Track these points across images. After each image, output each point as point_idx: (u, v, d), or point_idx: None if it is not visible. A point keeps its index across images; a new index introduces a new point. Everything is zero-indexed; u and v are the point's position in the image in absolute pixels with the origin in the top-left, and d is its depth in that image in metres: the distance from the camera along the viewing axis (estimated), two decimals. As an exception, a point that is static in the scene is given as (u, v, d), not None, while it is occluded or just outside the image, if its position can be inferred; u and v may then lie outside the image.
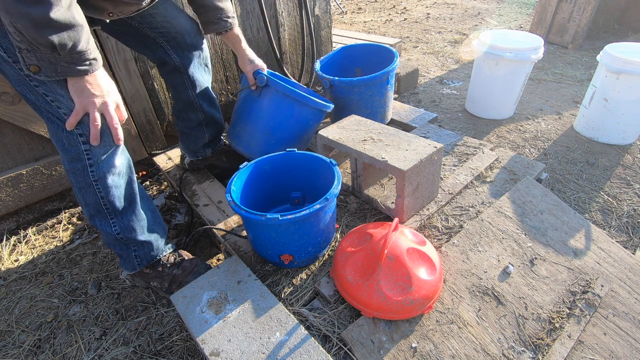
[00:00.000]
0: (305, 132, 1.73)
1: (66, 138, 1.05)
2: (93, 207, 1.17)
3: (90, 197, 1.15)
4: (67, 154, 1.07)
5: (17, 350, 1.35)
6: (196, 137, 1.73)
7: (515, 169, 1.70)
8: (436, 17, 5.17)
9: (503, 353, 1.05)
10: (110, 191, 1.15)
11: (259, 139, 1.68)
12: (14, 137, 1.70)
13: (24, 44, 0.86)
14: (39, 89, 0.97)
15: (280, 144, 1.66)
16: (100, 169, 1.10)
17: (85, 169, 1.09)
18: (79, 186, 1.13)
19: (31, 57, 0.88)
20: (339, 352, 1.07)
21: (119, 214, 1.21)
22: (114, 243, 1.27)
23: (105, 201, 1.16)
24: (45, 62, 0.89)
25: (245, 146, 1.72)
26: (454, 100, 2.96)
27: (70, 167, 1.10)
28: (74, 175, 1.11)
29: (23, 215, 1.88)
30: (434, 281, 1.14)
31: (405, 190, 1.32)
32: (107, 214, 1.19)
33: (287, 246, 1.21)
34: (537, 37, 2.45)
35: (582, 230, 1.42)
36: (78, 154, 1.07)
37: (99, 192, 1.14)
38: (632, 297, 1.21)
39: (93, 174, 1.10)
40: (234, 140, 1.75)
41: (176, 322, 1.41)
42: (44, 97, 0.99)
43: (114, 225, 1.21)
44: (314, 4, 2.48)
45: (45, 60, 0.89)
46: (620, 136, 2.26)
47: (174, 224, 1.85)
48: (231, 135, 1.78)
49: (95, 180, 1.11)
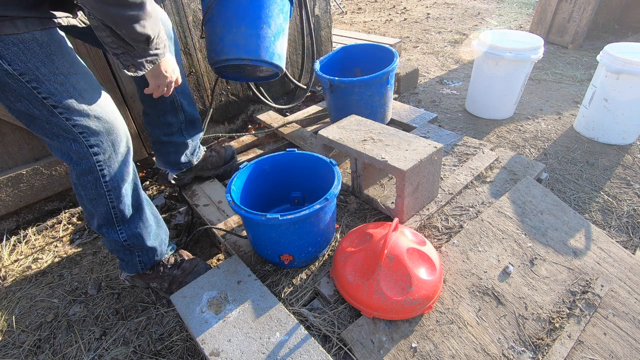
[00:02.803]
0: None
1: (75, 152, 1.03)
2: (103, 217, 1.15)
3: (101, 208, 1.13)
4: (77, 167, 1.05)
5: (17, 350, 1.35)
6: (177, 145, 1.59)
7: (515, 169, 1.70)
8: (436, 17, 5.17)
9: (503, 353, 1.05)
10: (122, 200, 1.14)
11: (254, 34, 1.53)
12: (14, 137, 1.70)
13: (120, 49, 0.96)
14: (47, 101, 0.95)
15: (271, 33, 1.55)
16: (114, 179, 1.10)
17: (98, 181, 1.07)
18: (89, 198, 1.11)
19: (127, 59, 0.98)
20: (339, 352, 1.07)
21: (127, 222, 1.20)
22: (119, 249, 1.26)
23: (117, 210, 1.15)
24: (138, 58, 1.00)
25: (247, 50, 1.53)
26: (454, 100, 2.96)
27: (79, 181, 1.08)
28: (84, 188, 1.09)
29: (23, 215, 1.88)
30: (434, 281, 1.14)
31: (405, 190, 1.32)
32: (115, 223, 1.18)
33: (287, 246, 1.21)
34: (537, 37, 2.45)
35: (582, 230, 1.42)
36: (90, 167, 1.05)
37: (111, 202, 1.13)
38: (632, 297, 1.21)
39: (106, 185, 1.09)
40: (229, 52, 1.54)
41: (176, 322, 1.41)
42: (52, 109, 0.96)
43: (121, 232, 1.20)
44: (314, 4, 2.48)
45: (137, 56, 1.00)
46: (620, 136, 2.26)
47: (174, 224, 1.85)
48: (220, 50, 1.55)
49: (108, 191, 1.10)
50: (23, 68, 0.90)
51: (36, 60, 0.91)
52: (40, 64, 0.92)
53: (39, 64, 0.92)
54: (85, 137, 1.01)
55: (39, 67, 0.92)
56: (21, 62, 0.89)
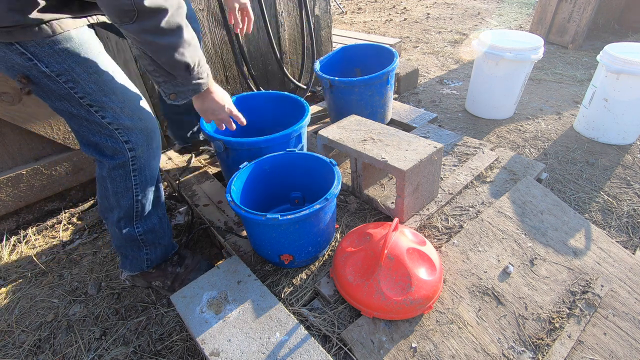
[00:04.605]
0: None
1: (110, 148, 1.07)
2: (125, 210, 1.18)
3: (125, 201, 1.16)
4: (111, 162, 1.09)
5: (17, 350, 1.35)
6: (184, 123, 1.75)
7: (515, 169, 1.70)
8: (436, 17, 5.17)
9: (503, 353, 1.05)
10: (146, 195, 1.18)
11: None
12: (14, 137, 1.70)
13: (162, 77, 0.96)
14: (83, 100, 0.99)
15: None
16: (143, 174, 1.14)
17: (128, 175, 1.11)
18: (115, 191, 1.14)
19: (169, 87, 0.99)
20: (339, 352, 1.07)
21: (145, 217, 1.23)
22: (128, 245, 1.27)
23: (139, 205, 1.18)
24: (180, 87, 1.00)
25: None
26: (454, 100, 2.96)
27: (110, 174, 1.11)
28: (113, 181, 1.12)
29: (23, 215, 1.88)
30: (434, 281, 1.14)
31: (405, 190, 1.32)
32: (134, 217, 1.20)
33: (287, 246, 1.21)
34: (537, 37, 2.45)
35: (582, 230, 1.42)
36: (124, 162, 1.09)
37: (136, 196, 1.16)
38: (632, 297, 1.21)
39: (135, 179, 1.13)
40: None
41: (176, 322, 1.41)
42: (88, 108, 1.00)
43: (137, 227, 1.23)
44: (314, 4, 2.48)
45: (179, 85, 0.99)
46: (620, 136, 2.26)
47: (174, 224, 1.85)
48: None
49: (135, 185, 1.14)
50: (59, 69, 0.93)
51: (71, 61, 0.94)
52: (74, 64, 0.95)
53: (73, 65, 0.95)
54: (120, 133, 1.05)
55: (74, 68, 0.95)
56: (57, 64, 0.93)
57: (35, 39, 0.88)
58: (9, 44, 0.88)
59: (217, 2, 1.98)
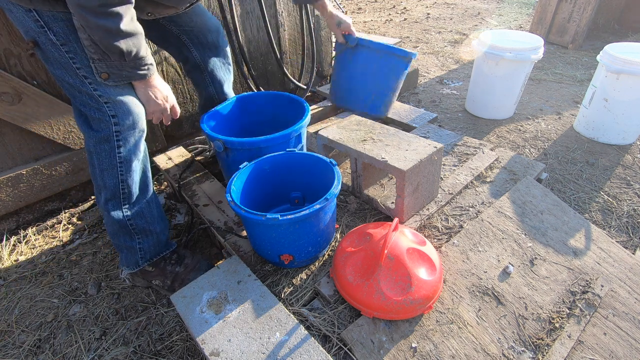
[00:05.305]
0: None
1: (97, 120, 1.11)
2: (111, 190, 1.20)
3: (110, 180, 1.18)
4: (97, 134, 1.12)
5: (17, 350, 1.35)
6: None
7: (515, 169, 1.70)
8: (436, 17, 5.17)
9: (503, 353, 1.05)
10: (131, 175, 1.20)
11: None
12: (14, 137, 1.70)
13: (97, 54, 1.01)
14: (80, 71, 1.05)
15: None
16: (127, 151, 1.16)
17: (113, 150, 1.14)
18: (101, 168, 1.17)
19: (102, 66, 1.03)
20: (339, 352, 1.07)
21: (133, 200, 1.24)
22: (120, 232, 1.28)
23: (124, 185, 1.20)
24: (113, 69, 1.04)
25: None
26: (454, 100, 2.96)
27: (96, 149, 1.14)
28: (99, 156, 1.15)
29: (23, 215, 1.88)
30: (434, 281, 1.14)
31: (405, 190, 1.32)
32: (121, 198, 1.22)
33: (287, 246, 1.21)
34: (537, 37, 2.45)
35: (582, 230, 1.42)
36: (108, 136, 1.12)
37: (121, 175, 1.18)
38: (632, 297, 1.21)
39: (120, 156, 1.15)
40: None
41: (176, 322, 1.41)
42: (83, 79, 1.06)
43: (125, 210, 1.24)
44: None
45: (114, 67, 1.04)
46: (620, 136, 2.26)
47: (174, 224, 1.85)
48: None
49: (120, 162, 1.16)
50: (64, 39, 1.01)
51: (76, 35, 1.02)
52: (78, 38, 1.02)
53: (77, 38, 1.02)
54: (109, 107, 1.09)
55: (77, 41, 1.02)
56: (64, 35, 1.01)
57: (52, 9, 0.98)
58: (29, 10, 0.97)
59: (217, 2, 1.98)
